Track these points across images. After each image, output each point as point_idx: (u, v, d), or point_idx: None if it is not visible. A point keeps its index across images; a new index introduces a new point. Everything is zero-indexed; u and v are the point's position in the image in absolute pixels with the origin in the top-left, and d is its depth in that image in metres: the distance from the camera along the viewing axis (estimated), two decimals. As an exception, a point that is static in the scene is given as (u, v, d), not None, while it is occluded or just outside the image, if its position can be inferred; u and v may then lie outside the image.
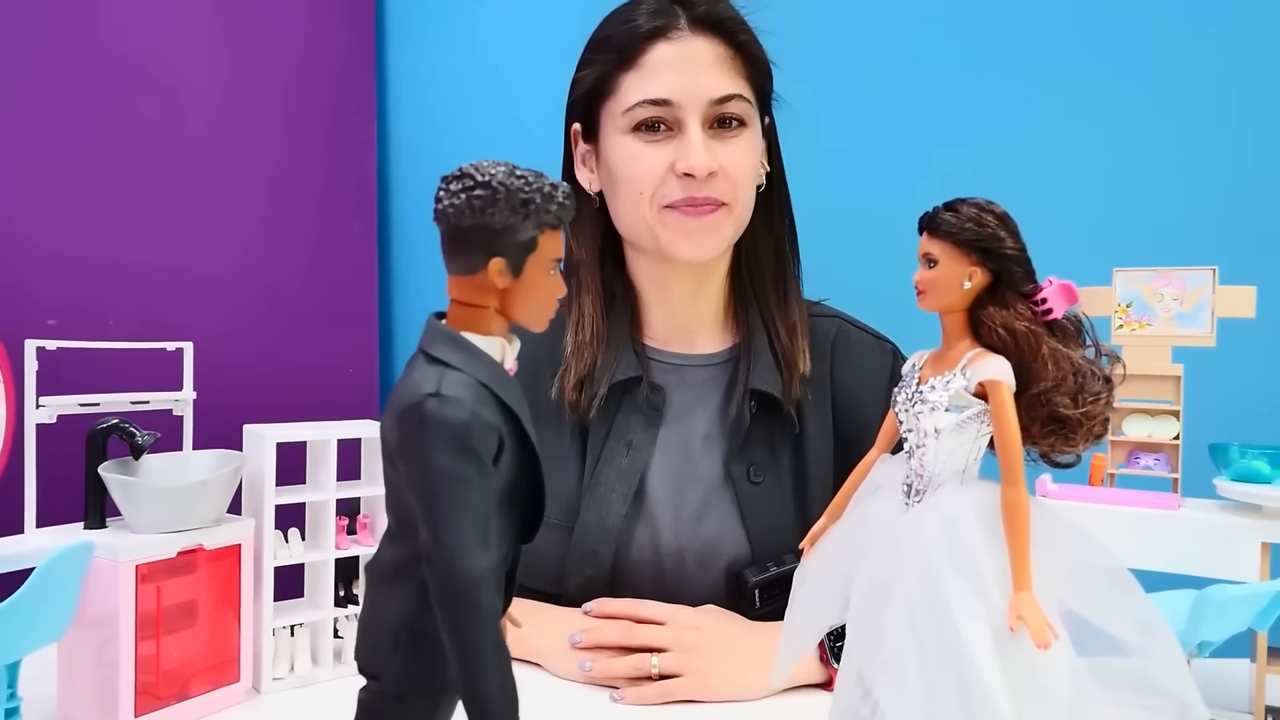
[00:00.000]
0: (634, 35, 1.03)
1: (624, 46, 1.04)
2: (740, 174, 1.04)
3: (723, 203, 1.03)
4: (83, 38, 1.34)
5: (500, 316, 0.49)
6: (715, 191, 1.02)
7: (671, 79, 1.01)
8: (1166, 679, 0.51)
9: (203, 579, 0.84)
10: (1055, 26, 1.53)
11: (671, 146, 1.03)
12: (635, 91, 1.03)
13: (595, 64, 1.07)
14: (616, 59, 1.04)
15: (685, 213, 1.03)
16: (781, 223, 1.15)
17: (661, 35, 1.02)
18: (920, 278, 0.55)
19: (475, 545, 0.44)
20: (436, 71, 1.73)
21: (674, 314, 1.14)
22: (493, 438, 0.46)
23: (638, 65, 1.03)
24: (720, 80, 1.02)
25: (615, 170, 1.06)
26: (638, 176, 1.04)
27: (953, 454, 0.54)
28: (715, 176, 1.02)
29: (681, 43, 1.02)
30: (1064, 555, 0.53)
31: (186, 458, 0.89)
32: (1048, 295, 0.53)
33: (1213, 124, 1.48)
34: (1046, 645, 0.48)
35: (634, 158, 1.04)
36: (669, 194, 1.03)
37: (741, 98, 1.04)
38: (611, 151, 1.06)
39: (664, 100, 1.01)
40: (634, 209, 1.05)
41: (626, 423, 1.08)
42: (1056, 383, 0.52)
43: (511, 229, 0.46)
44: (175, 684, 0.83)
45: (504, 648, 0.45)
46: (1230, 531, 0.82)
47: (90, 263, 1.34)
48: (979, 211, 0.53)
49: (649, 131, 1.03)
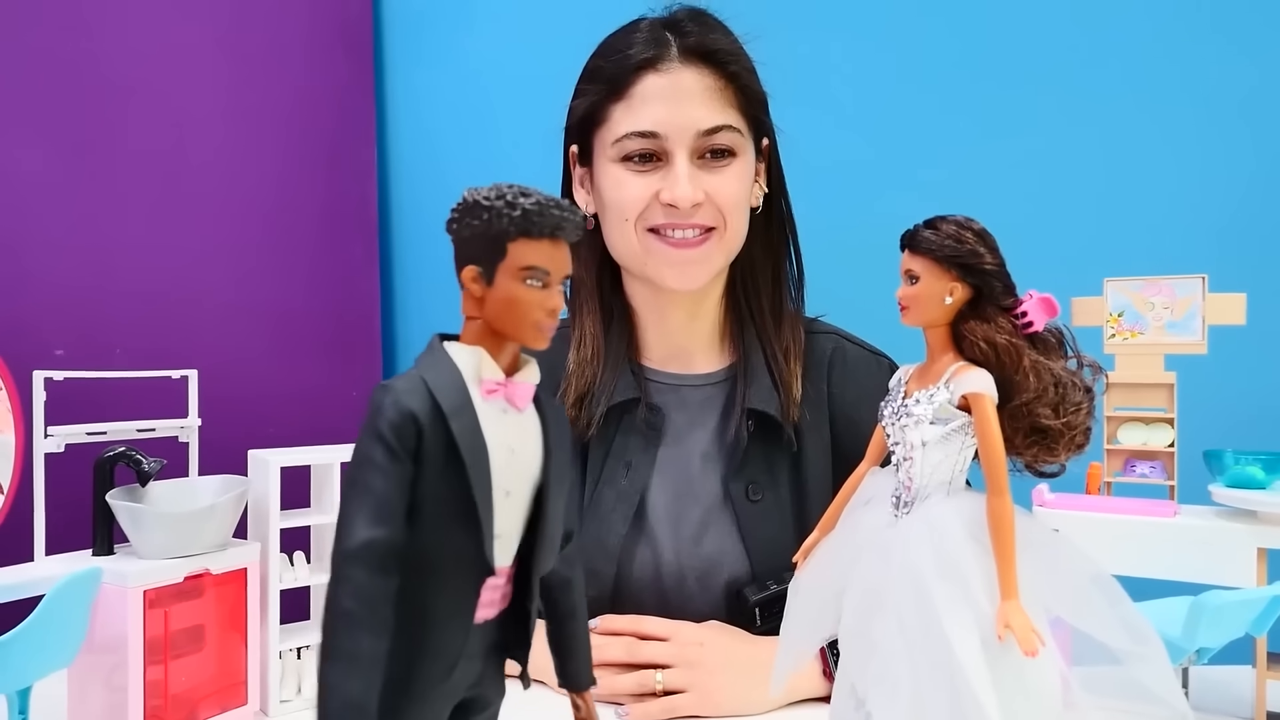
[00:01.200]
0: (624, 67, 1.04)
1: (614, 77, 1.04)
2: (728, 200, 1.04)
3: (710, 228, 1.04)
4: (88, 69, 1.36)
5: (485, 328, 0.50)
6: (701, 219, 1.03)
7: (660, 110, 1.02)
8: (1155, 685, 0.51)
9: (210, 603, 0.85)
10: (1045, 38, 1.54)
11: (658, 176, 1.04)
12: (624, 123, 1.04)
13: (587, 94, 1.08)
14: (607, 89, 1.05)
15: (672, 244, 1.04)
16: (782, 245, 1.15)
17: (651, 66, 1.03)
18: (903, 294, 0.56)
19: (358, 521, 0.45)
20: (434, 97, 1.75)
21: (670, 335, 1.14)
22: (408, 427, 0.46)
23: (627, 96, 1.03)
24: (708, 112, 1.03)
25: (604, 196, 1.08)
26: (623, 203, 1.05)
27: (939, 466, 0.55)
28: (700, 207, 1.03)
29: (670, 74, 1.03)
30: (1051, 564, 0.54)
31: (192, 484, 0.90)
32: (1028, 309, 0.54)
33: (1200, 133, 1.49)
34: (1034, 653, 0.48)
35: (620, 185, 1.05)
36: (653, 218, 1.04)
37: (731, 128, 1.04)
38: (601, 179, 1.08)
39: (651, 133, 1.02)
40: (621, 235, 1.07)
41: (625, 444, 1.09)
42: (1038, 394, 0.53)
43: (475, 238, 0.48)
44: (184, 708, 0.83)
45: (359, 632, 0.44)
46: (1226, 537, 0.83)
47: (96, 292, 1.36)
48: (958, 229, 0.54)
49: (639, 162, 1.04)
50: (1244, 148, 1.48)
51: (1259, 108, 1.47)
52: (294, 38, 1.61)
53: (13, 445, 0.82)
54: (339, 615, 0.44)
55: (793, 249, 1.16)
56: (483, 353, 0.49)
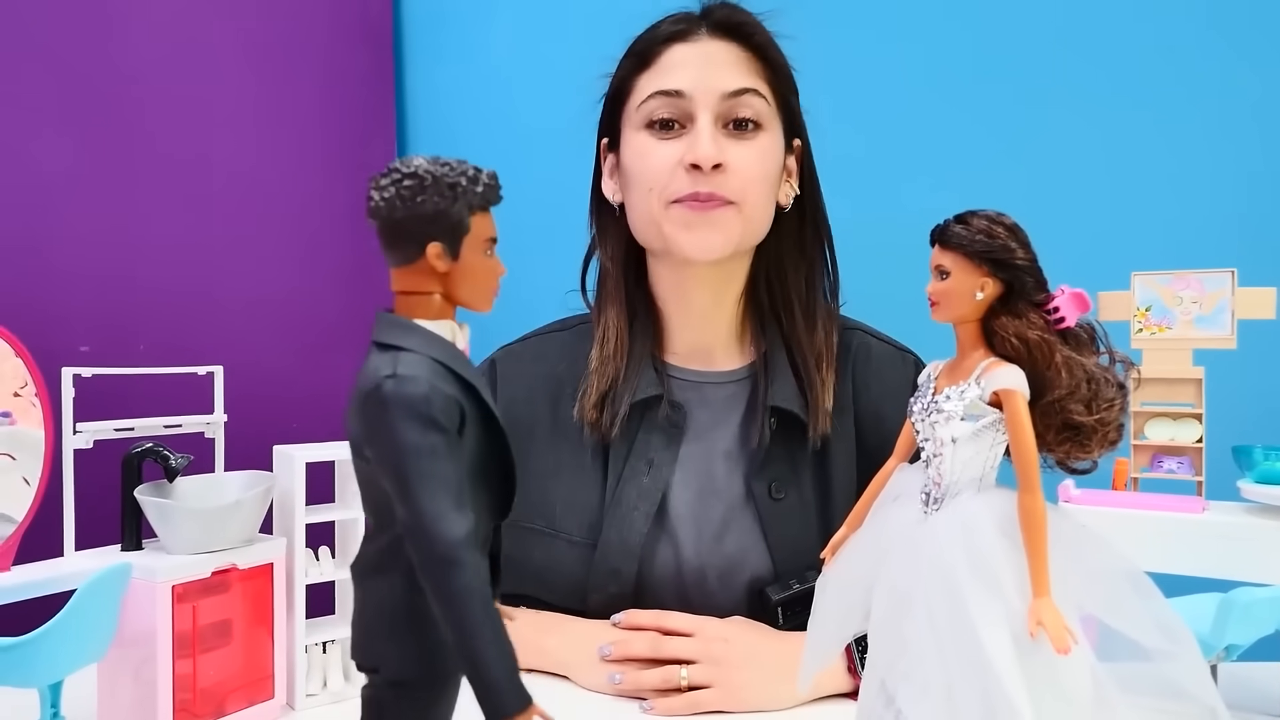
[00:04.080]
0: (652, 40, 1.06)
1: (642, 51, 1.06)
2: (750, 174, 1.03)
3: (730, 200, 1.02)
4: (111, 69, 1.37)
5: (445, 301, 0.50)
6: (721, 188, 1.01)
7: (685, 73, 1.03)
8: (1188, 682, 0.51)
9: (237, 598, 0.86)
10: (1070, 33, 1.53)
11: (683, 142, 1.03)
12: (648, 86, 1.04)
13: (617, 72, 1.10)
14: (635, 63, 1.07)
15: (690, 207, 1.02)
16: (815, 246, 1.14)
17: (679, 38, 1.05)
18: (933, 289, 0.55)
19: (451, 510, 0.45)
20: (454, 93, 1.76)
21: (693, 328, 1.14)
22: (454, 408, 0.46)
23: (654, 66, 1.05)
24: (734, 75, 1.03)
25: (628, 169, 1.07)
26: (647, 172, 1.04)
27: (969, 462, 0.54)
28: (723, 171, 1.01)
29: (698, 44, 1.04)
30: (1083, 561, 0.53)
31: (219, 479, 0.91)
32: (1060, 304, 0.54)
33: (1229, 127, 1.47)
34: (1066, 650, 0.48)
35: (644, 154, 1.05)
36: (676, 189, 1.02)
37: (756, 93, 1.04)
38: (626, 151, 1.08)
39: (675, 91, 1.02)
40: (643, 206, 1.06)
41: (648, 441, 1.09)
42: (1070, 390, 0.53)
43: (443, 213, 0.48)
44: (212, 702, 0.84)
45: (495, 613, 0.45)
46: (1255, 534, 0.82)
47: (121, 289, 1.37)
48: (989, 223, 0.54)
49: (662, 129, 1.04)
50: (1274, 140, 1.46)
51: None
52: (315, 35, 1.61)
53: (42, 441, 0.82)
54: (471, 594, 0.44)
55: (829, 253, 1.15)
56: (454, 325, 0.50)
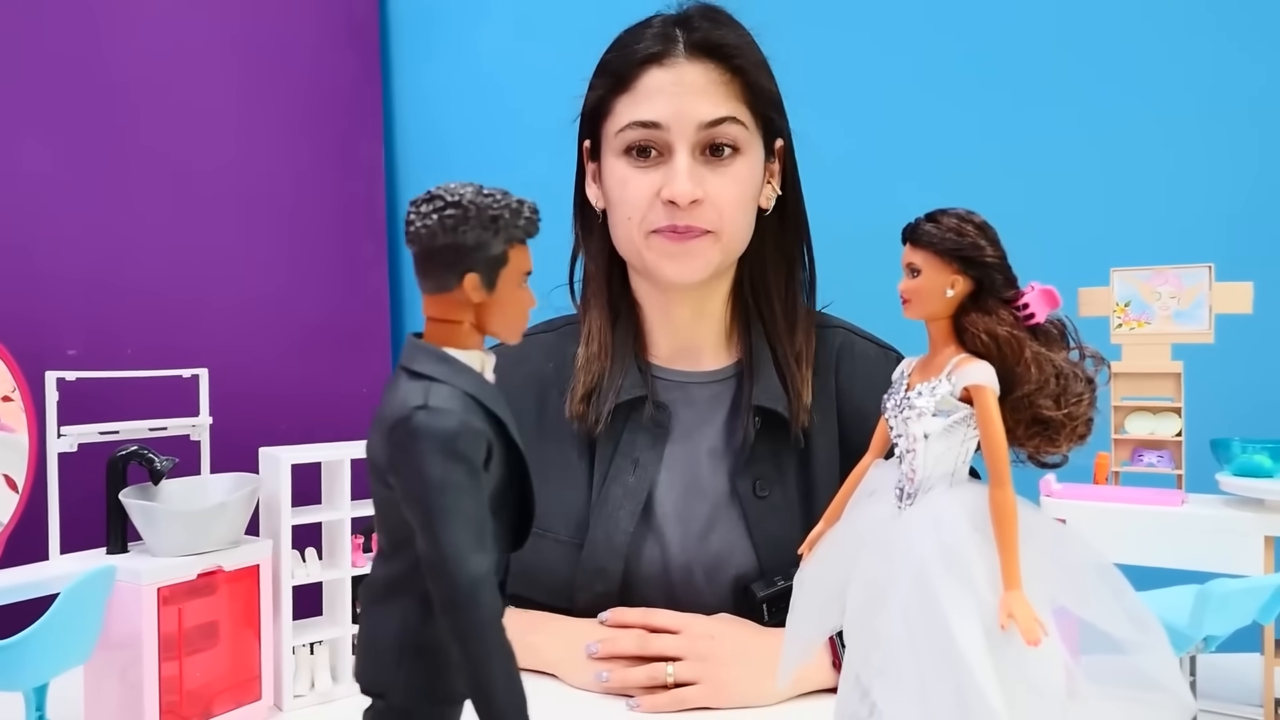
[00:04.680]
0: (630, 61, 1.05)
1: (620, 71, 1.06)
2: (728, 203, 1.04)
3: (708, 230, 1.04)
4: (97, 71, 1.37)
5: (475, 331, 0.50)
6: (699, 220, 1.03)
7: (662, 103, 1.02)
8: (1158, 673, 0.52)
9: (223, 600, 0.86)
10: (1050, 29, 1.54)
11: (660, 173, 1.04)
12: (626, 114, 1.04)
13: (596, 88, 1.09)
14: (613, 83, 1.06)
15: (669, 238, 1.04)
16: (795, 246, 1.15)
17: (656, 61, 1.03)
18: (905, 287, 0.56)
19: (473, 549, 0.45)
20: (442, 94, 1.76)
21: (677, 333, 1.15)
22: (481, 444, 0.47)
23: (631, 89, 1.04)
24: (711, 104, 1.03)
25: (609, 193, 1.09)
26: (627, 202, 1.06)
27: (941, 458, 0.55)
28: (700, 205, 1.03)
29: (675, 69, 1.03)
30: (1054, 554, 0.54)
31: (204, 481, 0.91)
32: (1029, 300, 0.55)
33: (1207, 123, 1.48)
34: (1036, 642, 0.49)
35: (624, 183, 1.06)
36: (655, 220, 1.04)
37: (734, 120, 1.04)
38: (607, 174, 1.09)
39: (653, 123, 1.03)
40: (624, 230, 1.08)
41: (633, 441, 1.10)
42: (1039, 385, 0.53)
43: (483, 245, 0.48)
44: (199, 703, 0.84)
45: (509, 649, 0.46)
46: (1233, 526, 0.83)
47: (108, 292, 1.37)
48: (959, 221, 0.54)
49: (640, 156, 1.05)
50: (1251, 138, 1.47)
51: (1266, 99, 1.47)
52: (302, 37, 1.61)
53: (26, 445, 0.82)
54: (487, 630, 0.45)
55: (806, 252, 1.16)
56: (483, 356, 0.50)
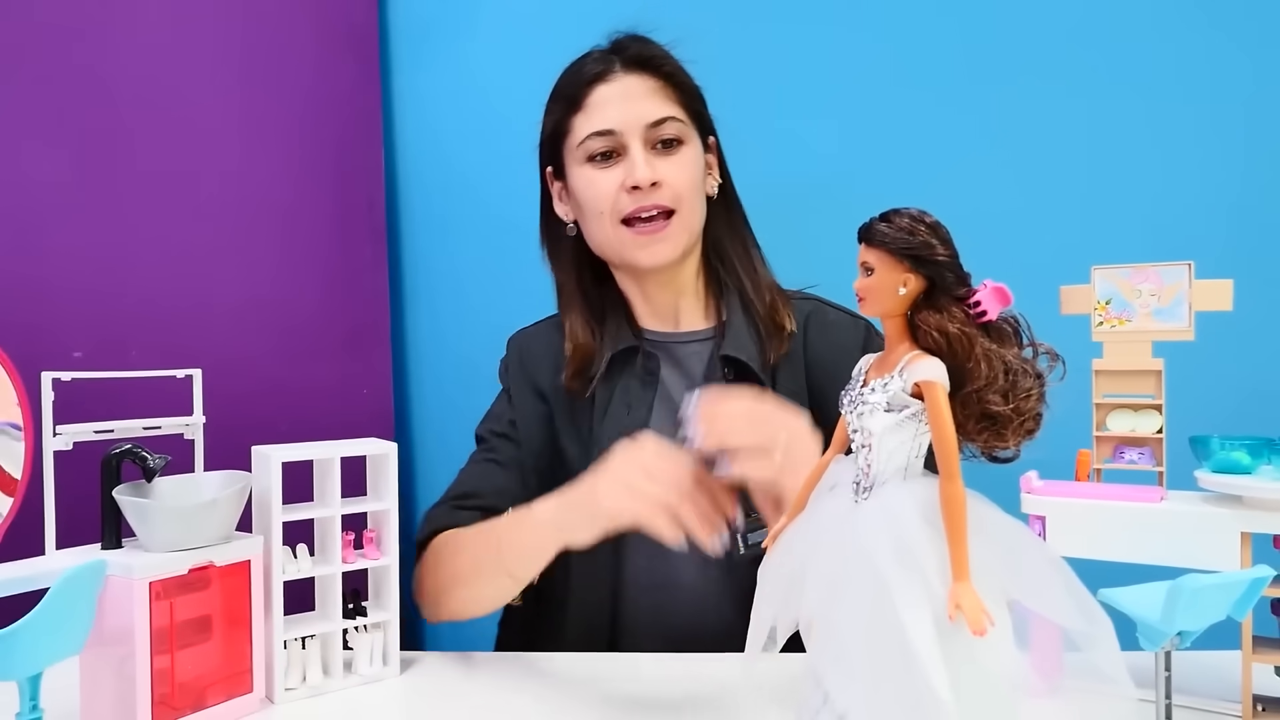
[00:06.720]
0: (578, 83, 1.21)
1: (571, 94, 1.21)
2: (681, 184, 1.18)
3: (670, 210, 1.18)
4: (97, 79, 1.39)
5: None
6: (660, 199, 1.17)
7: (612, 111, 1.18)
8: (1104, 665, 0.53)
9: (215, 594, 0.88)
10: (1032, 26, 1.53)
11: (621, 168, 1.19)
12: (585, 127, 1.20)
13: (552, 113, 1.25)
14: (567, 105, 1.22)
15: (640, 230, 1.18)
16: (743, 224, 1.29)
17: (601, 79, 1.19)
18: (859, 285, 0.57)
19: None
20: (441, 100, 1.77)
21: (658, 310, 1.28)
22: None
23: (584, 107, 1.20)
24: (654, 106, 1.19)
25: (580, 196, 1.22)
26: (597, 198, 1.20)
27: (894, 452, 0.56)
28: (659, 187, 1.17)
29: (618, 82, 1.19)
30: (1007, 548, 0.55)
31: (196, 479, 0.93)
32: (981, 298, 0.56)
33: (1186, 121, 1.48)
34: (982, 632, 0.50)
35: (592, 183, 1.20)
36: (623, 207, 1.18)
37: (675, 119, 1.19)
38: (575, 182, 1.23)
39: (608, 130, 1.18)
40: (598, 227, 1.21)
41: (627, 387, 1.22)
42: (989, 381, 0.54)
43: None
44: (191, 695, 0.86)
45: None
46: (1211, 522, 0.83)
47: (112, 296, 1.39)
48: (911, 221, 0.55)
49: (602, 160, 1.20)
50: (1230, 135, 1.47)
51: (1246, 96, 1.46)
52: (301, 44, 1.63)
53: (22, 444, 0.85)
54: None
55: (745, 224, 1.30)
56: None
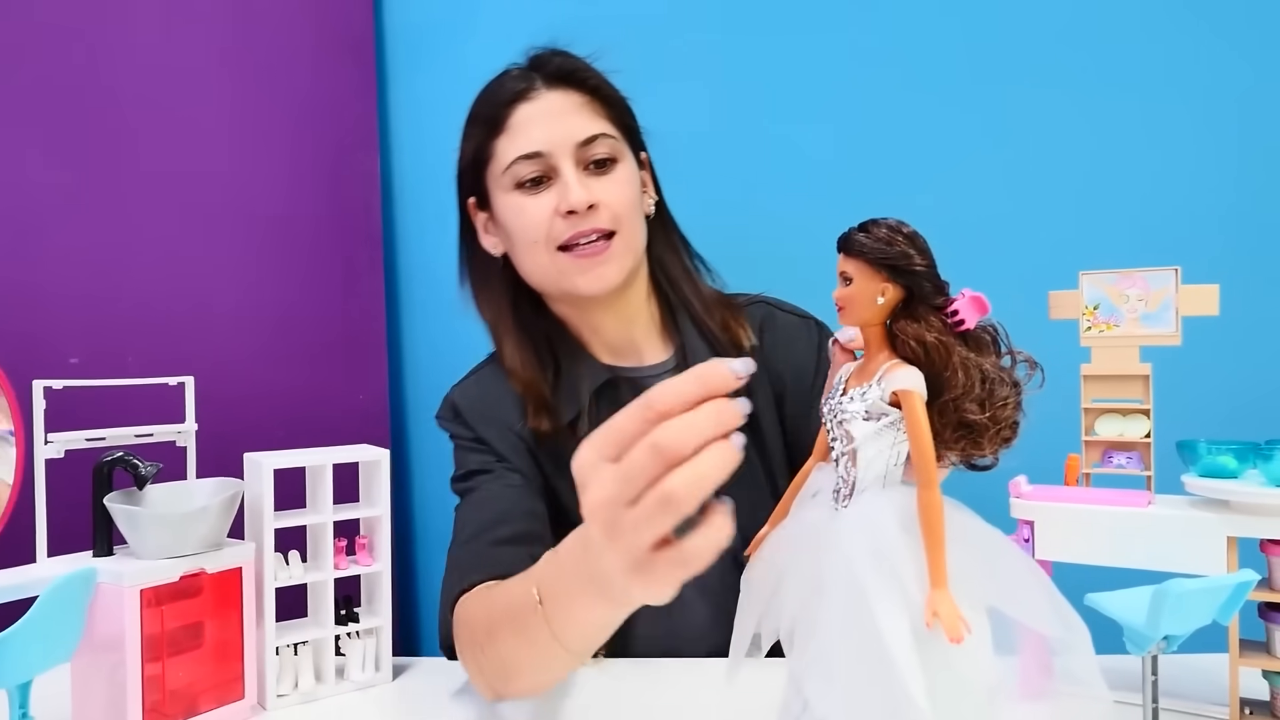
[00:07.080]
0: (498, 103, 1.11)
1: (491, 116, 1.11)
2: (619, 203, 1.09)
3: (610, 231, 1.09)
4: (93, 85, 1.40)
5: None
6: (599, 222, 1.08)
7: (538, 132, 1.08)
8: (1080, 671, 0.53)
9: (206, 601, 0.89)
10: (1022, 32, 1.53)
11: (553, 192, 1.09)
12: (509, 151, 1.09)
13: (471, 137, 1.14)
14: (487, 128, 1.12)
15: (579, 253, 1.08)
16: (681, 240, 1.22)
17: (522, 97, 1.10)
18: (839, 294, 0.58)
19: None
20: (436, 106, 1.77)
21: (610, 342, 1.18)
22: None
23: (507, 129, 1.10)
24: (583, 123, 1.09)
25: (509, 226, 1.12)
26: (529, 226, 1.09)
27: (873, 460, 0.56)
28: (596, 210, 1.08)
29: (540, 99, 1.10)
30: (985, 555, 0.55)
31: (188, 486, 0.94)
32: (959, 307, 0.56)
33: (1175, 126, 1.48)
34: (959, 639, 0.50)
35: (522, 211, 1.10)
36: (559, 234, 1.08)
37: (606, 135, 1.10)
38: (503, 211, 1.13)
39: (536, 153, 1.08)
40: (532, 257, 1.11)
41: None
42: (965, 390, 0.55)
43: None
44: (182, 702, 0.87)
45: None
46: (1198, 527, 0.83)
47: (109, 303, 1.40)
48: (889, 232, 0.56)
49: (532, 186, 1.09)
50: (1218, 141, 1.47)
51: (1236, 100, 1.46)
52: (297, 49, 1.64)
53: (14, 452, 0.85)
54: None
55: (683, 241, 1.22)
56: None
